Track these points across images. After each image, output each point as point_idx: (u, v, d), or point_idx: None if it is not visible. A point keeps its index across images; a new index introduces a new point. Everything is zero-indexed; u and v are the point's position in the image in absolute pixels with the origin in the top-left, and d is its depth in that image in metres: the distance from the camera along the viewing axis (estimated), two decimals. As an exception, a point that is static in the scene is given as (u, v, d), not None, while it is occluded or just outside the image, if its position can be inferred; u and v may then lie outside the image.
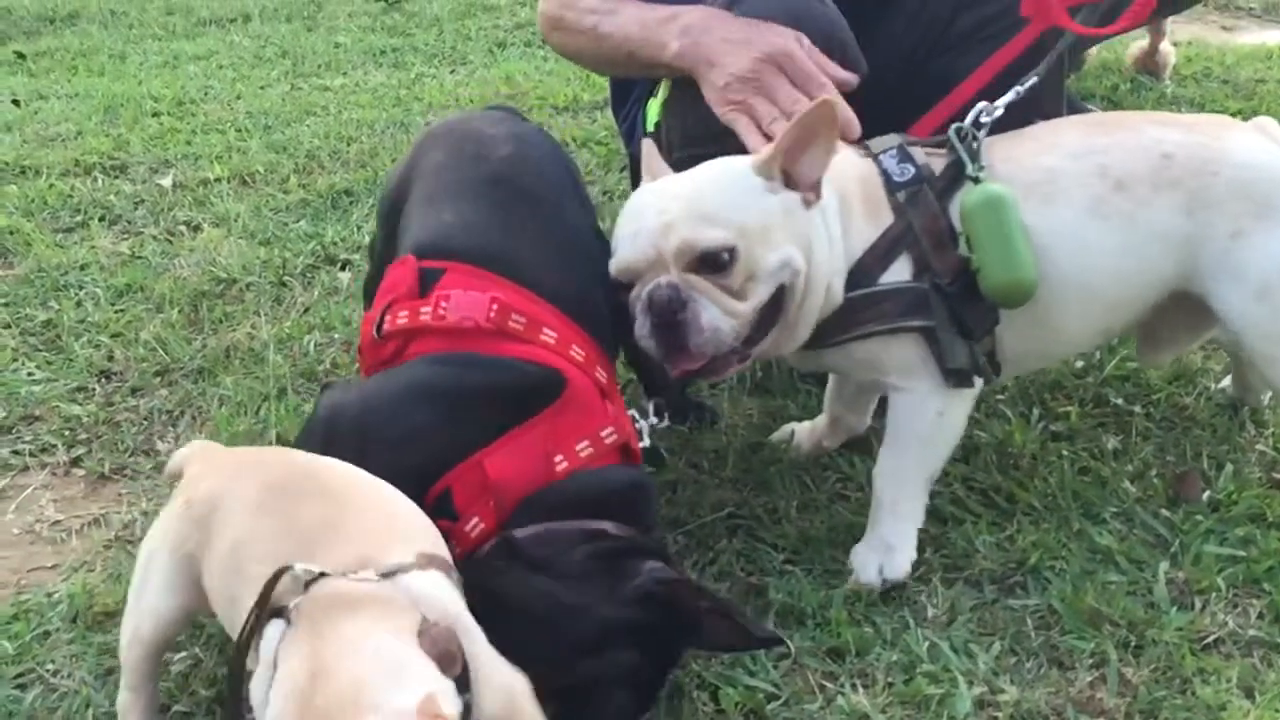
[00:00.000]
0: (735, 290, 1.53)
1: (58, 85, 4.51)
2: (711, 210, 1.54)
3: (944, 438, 1.68)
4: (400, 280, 1.59)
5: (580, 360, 1.55)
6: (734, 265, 1.52)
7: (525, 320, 1.54)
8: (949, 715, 1.43)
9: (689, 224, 1.53)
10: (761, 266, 1.53)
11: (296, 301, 2.59)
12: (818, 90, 1.70)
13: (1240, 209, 1.63)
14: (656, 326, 1.54)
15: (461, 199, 1.67)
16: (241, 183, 3.32)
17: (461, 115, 1.96)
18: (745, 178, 1.57)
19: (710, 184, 1.59)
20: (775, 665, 1.53)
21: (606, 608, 1.38)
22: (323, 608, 1.11)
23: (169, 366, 2.34)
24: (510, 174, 1.70)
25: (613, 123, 3.46)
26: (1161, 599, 1.60)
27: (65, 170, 3.44)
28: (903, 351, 1.63)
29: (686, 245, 1.52)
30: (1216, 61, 3.81)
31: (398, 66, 4.59)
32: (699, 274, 1.52)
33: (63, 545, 1.87)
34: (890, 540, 1.66)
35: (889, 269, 1.62)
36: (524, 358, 1.52)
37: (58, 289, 2.68)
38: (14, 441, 2.13)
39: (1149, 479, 1.85)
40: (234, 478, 1.34)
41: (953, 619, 1.60)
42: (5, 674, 1.57)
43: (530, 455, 1.47)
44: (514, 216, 1.65)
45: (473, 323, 1.52)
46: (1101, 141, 1.68)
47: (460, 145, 1.77)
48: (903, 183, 1.65)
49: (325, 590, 1.13)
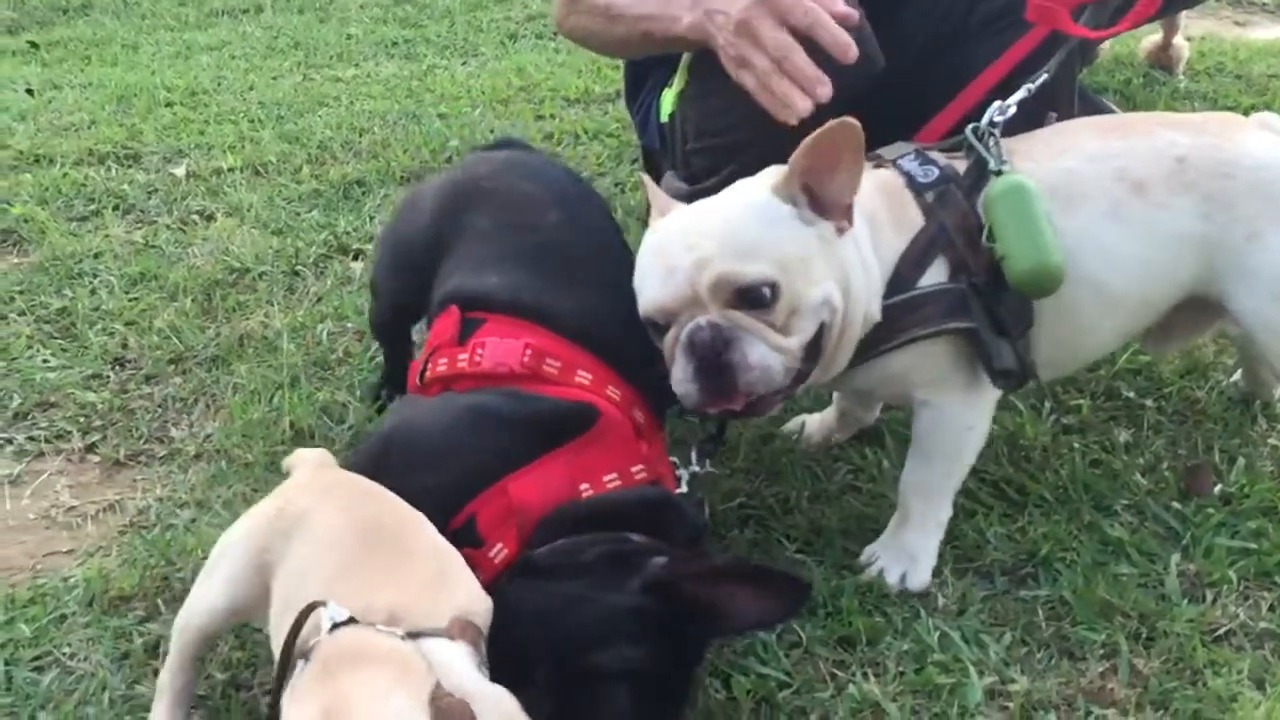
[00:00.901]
0: (780, 326, 1.47)
1: (71, 75, 4.52)
2: (748, 244, 1.47)
3: (971, 449, 1.67)
4: (444, 329, 1.65)
5: (616, 400, 1.57)
6: (777, 301, 1.45)
7: (560, 364, 1.57)
8: (960, 704, 1.44)
9: (725, 259, 1.46)
10: (804, 301, 1.47)
11: (309, 291, 2.60)
12: (802, 18, 1.66)
13: (1256, 210, 1.63)
14: (700, 370, 1.46)
15: (509, 265, 1.69)
16: (254, 173, 3.32)
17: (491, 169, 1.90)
18: (774, 207, 1.50)
19: (741, 216, 1.52)
20: (787, 654, 1.54)
21: (611, 597, 1.36)
22: (341, 656, 1.10)
23: (183, 354, 2.35)
24: (560, 241, 1.73)
25: (624, 115, 3.47)
26: (1173, 591, 1.60)
27: (79, 159, 3.45)
28: (936, 362, 1.60)
29: (725, 281, 1.45)
30: (1230, 56, 3.79)
31: (409, 58, 4.59)
32: (740, 310, 1.46)
33: (78, 530, 1.89)
34: (915, 552, 1.66)
35: (926, 272, 1.58)
36: (559, 396, 1.54)
37: (72, 277, 2.69)
38: (30, 428, 2.15)
39: (1160, 472, 1.85)
40: (328, 503, 1.35)
41: (964, 609, 1.61)
42: (22, 657, 1.58)
43: (556, 481, 1.48)
44: (563, 279, 1.68)
45: (507, 368, 1.56)
46: (1117, 144, 1.67)
47: (503, 211, 1.78)
48: (929, 184, 1.62)
49: (348, 639, 1.12)
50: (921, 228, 1.59)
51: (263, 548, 1.33)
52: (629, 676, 1.33)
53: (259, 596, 1.32)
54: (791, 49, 1.66)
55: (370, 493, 1.40)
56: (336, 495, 1.37)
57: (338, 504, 1.34)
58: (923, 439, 1.66)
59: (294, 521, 1.32)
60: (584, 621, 1.35)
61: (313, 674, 1.10)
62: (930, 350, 1.59)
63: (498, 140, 2.28)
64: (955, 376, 1.61)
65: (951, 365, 1.60)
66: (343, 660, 1.09)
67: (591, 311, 1.63)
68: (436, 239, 1.80)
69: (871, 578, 1.66)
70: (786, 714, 1.45)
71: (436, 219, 1.83)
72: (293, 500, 1.37)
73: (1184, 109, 3.30)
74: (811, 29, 1.65)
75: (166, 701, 1.40)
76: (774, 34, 1.67)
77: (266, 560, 1.31)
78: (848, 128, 1.45)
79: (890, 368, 1.60)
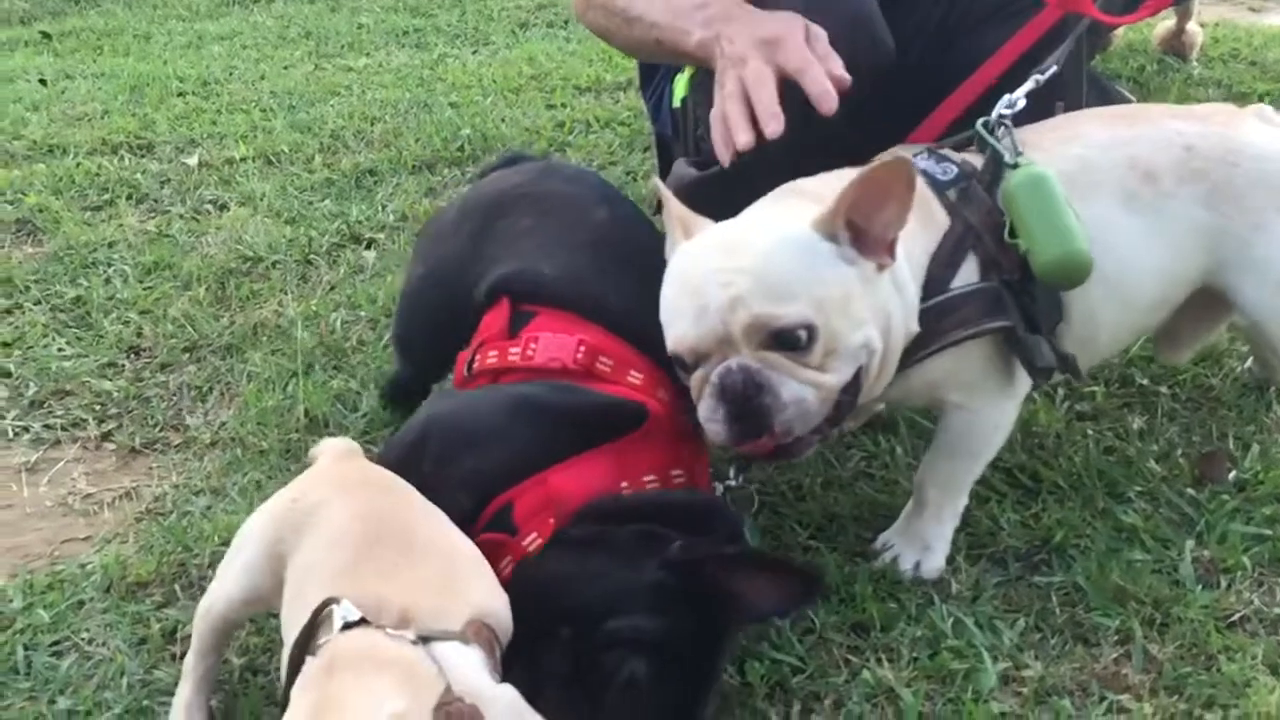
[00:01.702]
0: (816, 366, 1.40)
1: (83, 65, 4.54)
2: (784, 283, 1.39)
3: (995, 447, 1.66)
4: (493, 321, 1.64)
5: (665, 402, 1.56)
6: (814, 344, 1.39)
7: (613, 362, 1.56)
8: (974, 689, 1.44)
9: (760, 299, 1.38)
10: (843, 344, 1.41)
11: (322, 279, 2.61)
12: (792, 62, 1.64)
13: (1261, 201, 1.63)
14: (731, 415, 1.40)
15: (562, 255, 1.69)
16: (266, 162, 3.33)
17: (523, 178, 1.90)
18: (814, 244, 1.42)
19: (779, 252, 1.43)
20: (800, 639, 1.54)
21: (630, 571, 1.36)
22: (346, 657, 1.10)
23: (197, 343, 2.36)
24: (612, 235, 1.74)
25: (635, 103, 3.48)
26: (1187, 577, 1.60)
27: (92, 149, 3.47)
28: (972, 365, 1.57)
29: (759, 323, 1.38)
30: (1244, 43, 3.77)
31: (420, 47, 4.60)
32: (774, 351, 1.40)
33: (95, 517, 1.90)
34: (930, 541, 1.66)
35: (958, 272, 1.54)
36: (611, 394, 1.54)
37: (86, 266, 2.70)
38: (46, 416, 2.16)
39: (1174, 459, 1.85)
40: (340, 498, 1.34)
41: (977, 595, 1.61)
42: (41, 642, 1.59)
43: (598, 477, 1.47)
44: (614, 272, 1.67)
45: (559, 364, 1.55)
46: (1126, 133, 1.66)
47: (548, 210, 1.77)
48: (949, 181, 1.59)
49: (355, 640, 1.11)
50: (948, 227, 1.56)
51: (276, 539, 1.33)
52: (645, 648, 1.32)
53: (274, 586, 1.32)
54: (764, 82, 1.64)
55: (386, 488, 1.39)
56: (350, 490, 1.37)
57: (350, 499, 1.33)
58: (950, 438, 1.64)
59: (306, 514, 1.32)
60: (603, 590, 1.35)
61: (316, 671, 1.10)
62: (967, 353, 1.55)
63: (504, 157, 2.25)
64: (990, 379, 1.59)
65: (987, 367, 1.58)
66: (348, 661, 1.09)
67: (644, 310, 1.59)
68: (473, 254, 1.77)
69: (885, 564, 1.67)
70: (800, 699, 1.46)
71: (473, 236, 1.80)
72: (306, 493, 1.37)
73: (1198, 95, 3.28)
74: (798, 74, 1.63)
75: (190, 685, 1.42)
76: (759, 67, 1.66)
77: (280, 551, 1.32)
78: (901, 165, 1.40)
79: (927, 375, 1.56)
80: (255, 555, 1.35)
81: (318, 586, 1.20)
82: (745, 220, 1.53)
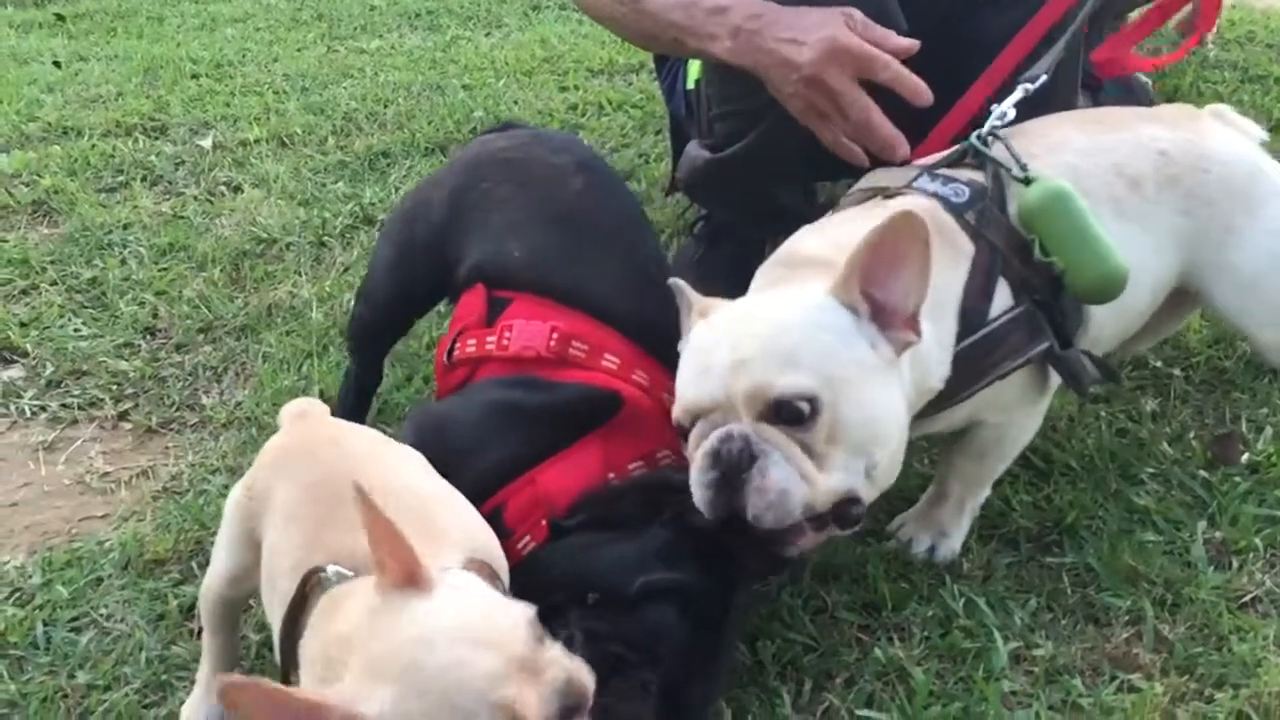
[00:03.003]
0: (815, 451, 1.30)
1: (97, 47, 4.54)
2: (791, 350, 1.31)
3: (1021, 447, 1.65)
4: (471, 309, 1.65)
5: (644, 384, 1.56)
6: (816, 419, 1.29)
7: (587, 347, 1.56)
8: (985, 668, 1.45)
9: (764, 363, 1.30)
10: (848, 432, 1.30)
11: (336, 261, 2.62)
12: (882, 72, 1.61)
13: (1231, 205, 1.65)
14: (721, 482, 1.30)
15: (533, 233, 1.69)
16: (280, 144, 3.34)
17: (512, 142, 1.89)
18: (830, 312, 1.33)
19: (791, 318, 1.35)
20: (812, 619, 1.55)
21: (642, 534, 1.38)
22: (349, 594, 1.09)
23: (212, 324, 2.37)
24: (585, 208, 1.72)
25: (648, 86, 3.47)
26: (1199, 558, 1.60)
27: (107, 131, 3.48)
28: (1013, 387, 1.52)
29: (759, 389, 1.29)
30: (1261, 25, 3.75)
31: (433, 29, 4.59)
32: (772, 424, 1.30)
33: (112, 496, 1.92)
34: (947, 529, 1.66)
35: (994, 300, 1.48)
36: (584, 382, 1.54)
37: (102, 248, 2.72)
38: (63, 395, 2.18)
39: (1187, 441, 1.85)
40: (282, 475, 1.30)
41: (989, 576, 1.62)
42: (60, 618, 1.61)
43: (583, 470, 1.48)
44: (587, 250, 1.66)
45: (534, 351, 1.56)
46: (1107, 139, 1.65)
47: (527, 178, 1.76)
48: (964, 204, 1.52)
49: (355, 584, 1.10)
50: (975, 253, 1.49)
51: (248, 529, 1.32)
52: (680, 597, 1.33)
53: (256, 563, 1.31)
54: (870, 111, 1.62)
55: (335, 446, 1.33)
56: (293, 464, 1.31)
57: (295, 474, 1.29)
58: (980, 445, 1.61)
59: (261, 502, 1.30)
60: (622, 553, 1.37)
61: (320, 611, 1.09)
62: (1010, 378, 1.51)
63: (501, 124, 2.25)
64: (1026, 395, 1.57)
65: (1025, 385, 1.55)
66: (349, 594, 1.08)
67: (617, 287, 1.62)
68: (455, 211, 1.77)
69: (898, 546, 1.67)
70: (812, 677, 1.47)
71: (451, 191, 1.80)
72: (255, 481, 1.34)
73: (1214, 78, 3.27)
74: (892, 84, 1.61)
75: (209, 662, 1.44)
76: (851, 92, 1.61)
77: (254, 539, 1.31)
78: (909, 219, 1.29)
79: (968, 408, 1.52)
80: (233, 535, 1.35)
81: (287, 566, 1.19)
82: (762, 293, 1.47)
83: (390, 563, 1.00)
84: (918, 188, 1.55)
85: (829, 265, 1.40)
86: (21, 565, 1.73)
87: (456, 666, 0.94)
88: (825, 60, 1.63)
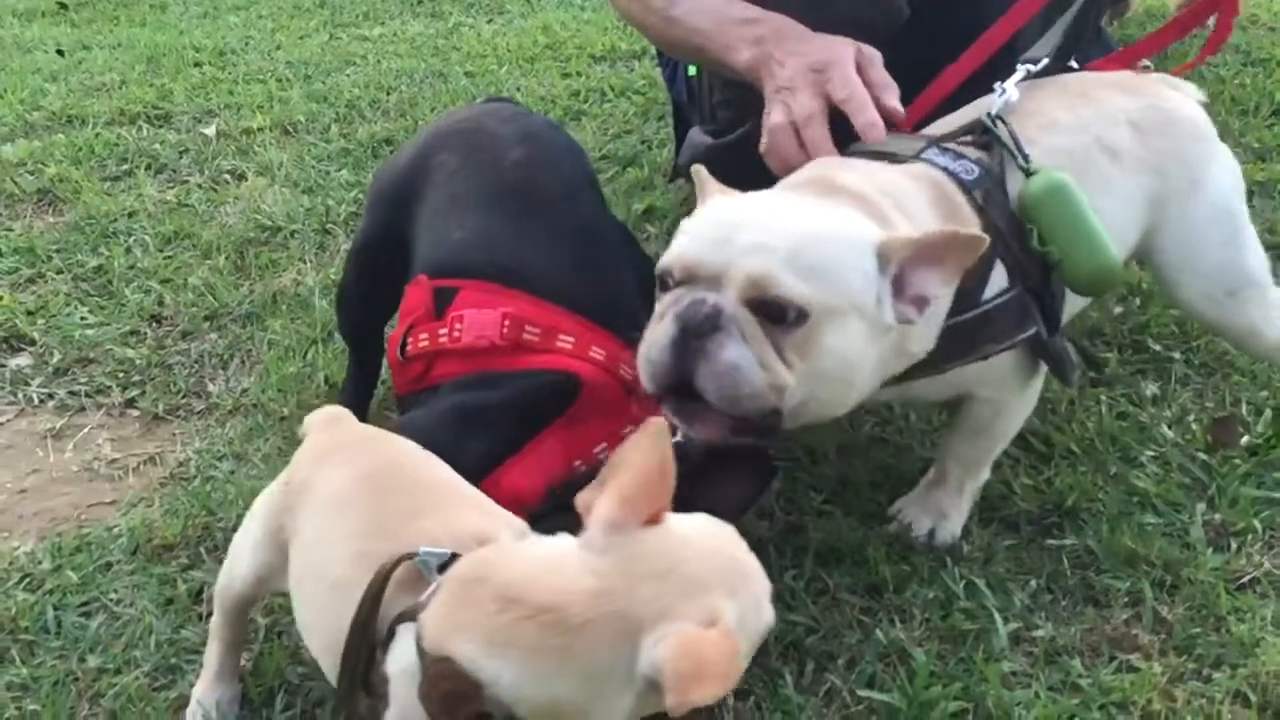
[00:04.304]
0: (782, 353, 1.32)
1: (100, 35, 4.55)
2: (818, 267, 1.31)
3: (1015, 429, 1.67)
4: (418, 302, 1.62)
5: (601, 359, 1.55)
6: (796, 329, 1.31)
7: (540, 330, 1.55)
8: (985, 649, 1.46)
9: (785, 260, 1.30)
10: (817, 358, 1.33)
11: (340, 248, 2.63)
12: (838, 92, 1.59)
13: (1189, 166, 1.69)
14: (677, 342, 1.32)
15: (473, 212, 1.66)
16: (283, 132, 3.35)
17: (470, 113, 1.89)
18: (868, 253, 1.34)
19: (835, 243, 1.35)
20: (814, 600, 1.57)
21: None
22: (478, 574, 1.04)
23: (218, 311, 2.39)
24: (523, 180, 1.68)
25: (651, 72, 3.48)
26: (1198, 540, 1.61)
27: (111, 119, 3.49)
28: (1004, 366, 1.55)
29: (766, 279, 1.30)
30: (1264, 8, 3.74)
31: (435, 16, 4.60)
32: (755, 314, 1.31)
33: (120, 482, 1.93)
34: (947, 511, 1.67)
35: (990, 282, 1.49)
36: (540, 367, 1.53)
37: (107, 236, 2.73)
38: (70, 383, 2.19)
39: (1187, 424, 1.86)
40: (326, 469, 1.28)
41: (989, 558, 1.63)
42: (71, 602, 1.63)
43: (549, 463, 1.48)
44: (528, 225, 1.64)
45: (487, 341, 1.54)
46: (1085, 112, 1.66)
47: (471, 151, 1.74)
48: (974, 181, 1.52)
49: (473, 560, 1.06)
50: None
51: (273, 517, 1.30)
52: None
53: (282, 564, 1.29)
54: (813, 118, 1.60)
55: (376, 444, 1.35)
56: (338, 458, 1.30)
57: (342, 466, 1.27)
58: (976, 424, 1.63)
59: (299, 494, 1.28)
60: None
61: (451, 599, 1.03)
62: (997, 358, 1.53)
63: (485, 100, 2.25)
64: (1018, 374, 1.59)
65: (1015, 365, 1.57)
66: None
67: (560, 262, 1.59)
68: (413, 177, 1.76)
69: (899, 529, 1.69)
70: (814, 658, 1.48)
71: (412, 157, 1.80)
72: (293, 475, 1.32)
73: (1215, 61, 3.26)
74: (844, 104, 1.59)
75: (218, 649, 1.44)
76: (808, 100, 1.61)
77: (281, 538, 1.29)
78: (977, 243, 1.33)
79: (955, 379, 1.54)
80: (257, 537, 1.33)
81: (344, 555, 1.16)
82: (815, 199, 1.44)
83: (647, 503, 1.03)
84: (927, 159, 1.56)
85: (867, 202, 1.41)
86: (31, 551, 1.75)
87: (745, 564, 1.05)
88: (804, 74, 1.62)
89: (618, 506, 1.03)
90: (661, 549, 1.01)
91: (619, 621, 0.96)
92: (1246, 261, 1.73)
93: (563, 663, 0.96)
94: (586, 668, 0.96)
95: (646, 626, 0.95)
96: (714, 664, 0.92)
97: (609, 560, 1.00)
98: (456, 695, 0.98)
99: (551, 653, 0.96)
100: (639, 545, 1.01)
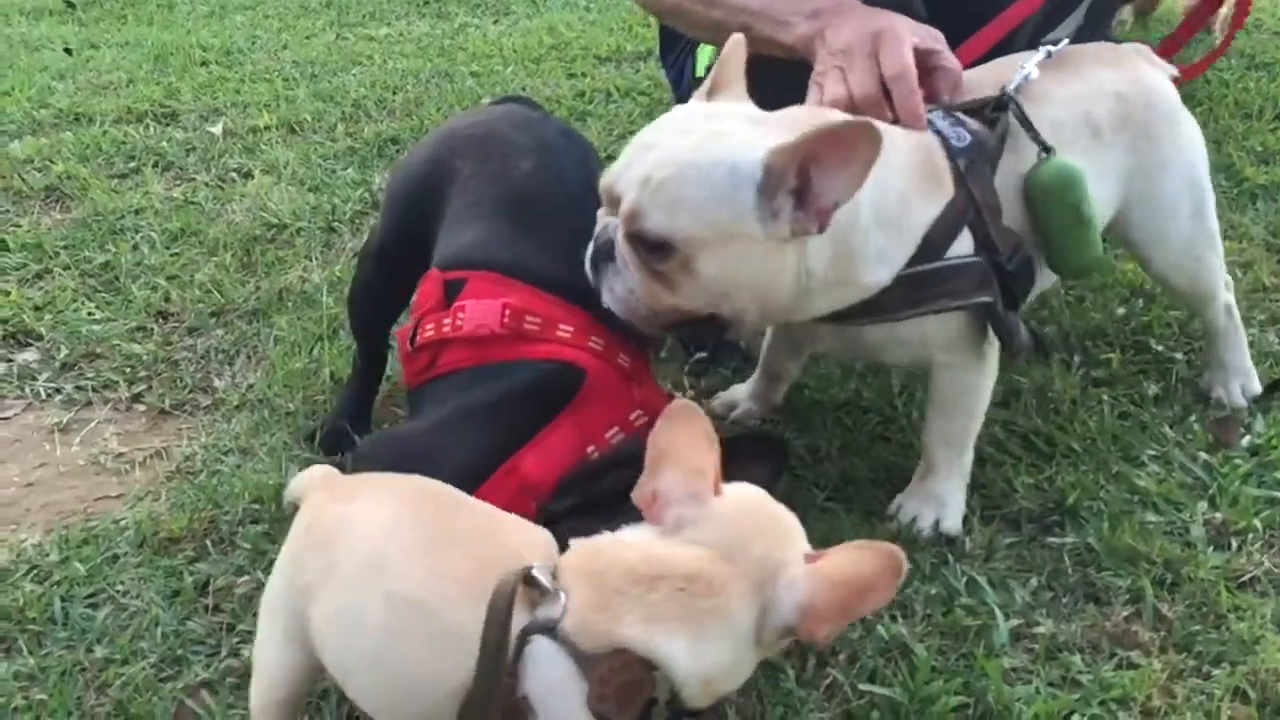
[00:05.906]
0: (667, 277, 1.40)
1: (107, 34, 4.57)
2: (679, 200, 1.37)
3: (985, 403, 1.68)
4: (429, 294, 1.65)
5: (600, 349, 1.56)
6: (670, 258, 1.39)
7: (540, 319, 1.56)
8: (986, 645, 1.47)
9: (652, 195, 1.37)
10: (702, 283, 1.40)
11: (346, 246, 2.64)
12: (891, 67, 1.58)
13: (1162, 139, 1.74)
14: (592, 267, 1.48)
15: (483, 219, 1.69)
16: (290, 130, 3.37)
17: (484, 115, 1.90)
18: (746, 179, 1.36)
19: (704, 169, 1.37)
20: (816, 596, 1.57)
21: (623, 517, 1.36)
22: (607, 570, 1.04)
23: (224, 308, 2.40)
24: (531, 190, 1.70)
25: (656, 73, 3.49)
26: (1198, 539, 1.62)
27: (118, 117, 3.51)
28: (954, 327, 1.59)
29: (633, 213, 1.39)
30: (1268, 12, 3.75)
31: (441, 16, 4.61)
32: (632, 245, 1.41)
33: (126, 476, 1.94)
34: (943, 496, 1.68)
35: (955, 244, 1.53)
36: (541, 357, 1.54)
37: (114, 232, 2.74)
38: (77, 378, 2.20)
39: (1188, 424, 1.87)
40: (359, 499, 1.21)
41: (990, 555, 1.64)
42: (77, 594, 1.64)
43: (563, 449, 1.49)
44: (534, 230, 1.65)
45: (488, 329, 1.55)
46: (1076, 88, 1.69)
47: (485, 158, 1.75)
48: (962, 149, 1.56)
49: (585, 555, 1.06)
50: (953, 197, 1.54)
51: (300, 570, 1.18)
52: None
53: (308, 660, 1.18)
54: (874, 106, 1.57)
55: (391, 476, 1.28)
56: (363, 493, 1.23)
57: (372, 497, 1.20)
58: (944, 397, 1.67)
59: (332, 529, 1.18)
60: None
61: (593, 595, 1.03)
62: (950, 317, 1.57)
63: (501, 98, 2.26)
64: (970, 341, 1.61)
65: (967, 329, 1.60)
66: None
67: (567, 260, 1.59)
68: (433, 178, 1.78)
69: (901, 525, 1.69)
70: (815, 653, 1.49)
71: (429, 156, 1.82)
72: (318, 514, 1.22)
73: (1219, 64, 3.27)
74: (892, 81, 1.58)
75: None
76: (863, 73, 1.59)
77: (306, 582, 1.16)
78: (874, 135, 1.32)
79: (908, 330, 1.57)
80: (288, 611, 1.19)
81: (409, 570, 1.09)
82: (718, 117, 1.46)
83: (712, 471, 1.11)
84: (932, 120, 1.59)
85: (789, 128, 1.41)
86: (39, 543, 1.76)
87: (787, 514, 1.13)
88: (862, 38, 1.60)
89: (691, 480, 1.08)
90: (744, 510, 1.10)
91: (746, 579, 1.04)
92: (1209, 227, 1.81)
93: (720, 625, 1.03)
94: (733, 627, 1.03)
95: (768, 579, 1.04)
96: (855, 583, 1.05)
97: (710, 529, 1.06)
98: (633, 684, 1.00)
99: (708, 616, 1.02)
100: (725, 510, 1.08)
